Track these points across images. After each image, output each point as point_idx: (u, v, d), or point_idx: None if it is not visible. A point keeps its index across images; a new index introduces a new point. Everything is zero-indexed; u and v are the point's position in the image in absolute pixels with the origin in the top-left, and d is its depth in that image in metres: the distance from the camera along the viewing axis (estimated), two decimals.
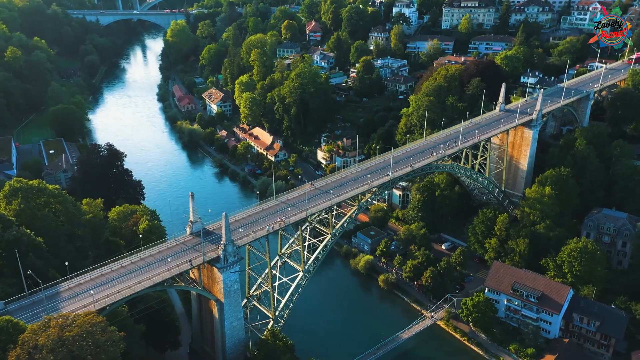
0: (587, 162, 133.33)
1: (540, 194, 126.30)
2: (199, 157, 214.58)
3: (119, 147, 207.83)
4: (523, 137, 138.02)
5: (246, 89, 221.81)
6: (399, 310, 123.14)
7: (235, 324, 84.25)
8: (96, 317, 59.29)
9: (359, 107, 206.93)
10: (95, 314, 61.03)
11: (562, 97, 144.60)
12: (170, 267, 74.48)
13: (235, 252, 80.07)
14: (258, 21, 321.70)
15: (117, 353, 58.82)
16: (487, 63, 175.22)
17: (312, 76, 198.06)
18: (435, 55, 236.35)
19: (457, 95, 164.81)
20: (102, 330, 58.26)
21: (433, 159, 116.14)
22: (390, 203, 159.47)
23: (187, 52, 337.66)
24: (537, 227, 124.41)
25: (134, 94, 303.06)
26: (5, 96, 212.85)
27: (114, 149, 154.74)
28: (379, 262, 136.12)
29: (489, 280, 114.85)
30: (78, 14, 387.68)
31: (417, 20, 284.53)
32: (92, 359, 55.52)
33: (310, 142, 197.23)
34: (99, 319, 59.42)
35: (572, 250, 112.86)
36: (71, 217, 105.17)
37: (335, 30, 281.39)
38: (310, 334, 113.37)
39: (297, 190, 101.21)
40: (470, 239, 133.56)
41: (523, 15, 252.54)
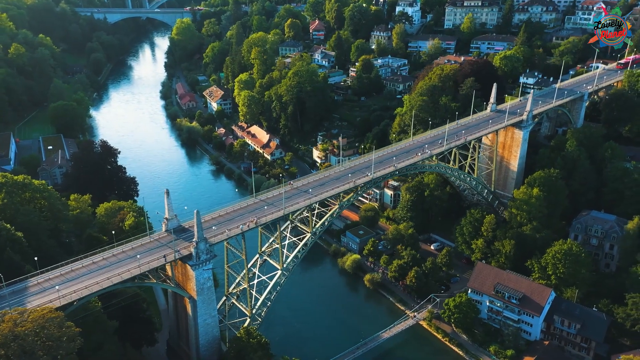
0: (578, 164, 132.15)
1: (528, 196, 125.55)
2: (197, 155, 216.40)
3: (118, 144, 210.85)
4: (513, 138, 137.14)
5: (245, 87, 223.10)
6: (384, 310, 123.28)
7: (209, 321, 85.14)
8: (52, 313, 60.36)
9: (356, 106, 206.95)
10: (52, 309, 62.16)
11: (554, 98, 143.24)
12: (140, 264, 75.50)
13: (207, 249, 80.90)
14: (262, 19, 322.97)
15: (72, 349, 59.68)
16: (482, 63, 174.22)
17: (309, 75, 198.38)
18: (436, 55, 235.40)
19: (451, 95, 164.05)
20: (57, 326, 59.29)
21: (417, 159, 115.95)
22: (382, 203, 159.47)
23: (192, 50, 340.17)
24: (524, 229, 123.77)
25: (138, 91, 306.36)
26: (8, 92, 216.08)
27: (108, 146, 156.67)
28: (367, 261, 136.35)
29: (472, 281, 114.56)
30: (86, 12, 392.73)
31: (420, 19, 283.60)
32: (44, 354, 56.48)
33: (306, 141, 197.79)
34: (54, 314, 60.48)
35: (556, 252, 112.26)
36: (56, 212, 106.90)
37: (338, 29, 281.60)
38: (292, 333, 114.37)
39: (279, 189, 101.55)
40: (458, 240, 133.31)
41: (526, 14, 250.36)
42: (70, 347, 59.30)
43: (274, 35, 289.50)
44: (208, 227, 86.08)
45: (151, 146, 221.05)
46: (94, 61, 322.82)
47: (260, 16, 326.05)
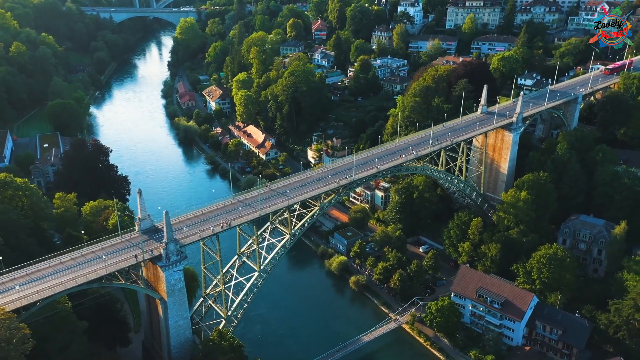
0: (568, 167, 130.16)
1: (515, 199, 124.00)
2: (194, 154, 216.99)
3: (115, 142, 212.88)
4: (503, 141, 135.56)
5: (243, 86, 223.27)
6: (368, 313, 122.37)
7: (180, 323, 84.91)
8: (2, 314, 60.27)
9: (352, 107, 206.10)
10: (3, 310, 62.23)
11: (546, 100, 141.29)
12: (106, 265, 75.54)
13: (178, 250, 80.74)
14: (265, 19, 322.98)
15: (23, 350, 59.54)
16: (475, 64, 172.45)
17: (305, 75, 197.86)
18: (435, 56, 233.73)
19: (444, 96, 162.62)
20: (6, 328, 59.27)
21: (401, 160, 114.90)
22: (372, 204, 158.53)
23: (195, 50, 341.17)
24: (511, 232, 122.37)
25: (140, 90, 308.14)
26: (7, 90, 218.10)
27: (99, 144, 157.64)
28: (354, 263, 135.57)
29: (455, 284, 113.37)
30: (92, 11, 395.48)
31: (422, 19, 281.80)
32: None
33: (302, 141, 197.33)
34: (5, 315, 60.51)
35: (541, 257, 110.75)
36: (37, 210, 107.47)
37: (340, 28, 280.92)
38: (271, 334, 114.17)
39: (257, 190, 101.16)
40: (445, 243, 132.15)
41: (529, 15, 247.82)
42: (22, 349, 59.29)
43: (275, 35, 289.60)
44: (179, 229, 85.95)
45: (148, 145, 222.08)
46: (97, 60, 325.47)
47: (264, 16, 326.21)
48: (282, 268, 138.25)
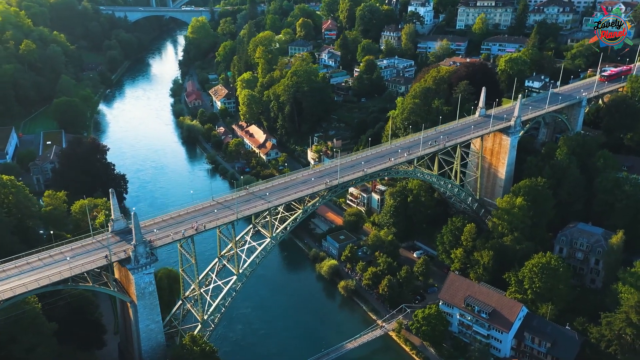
0: (567, 173, 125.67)
1: (510, 205, 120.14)
2: (197, 153, 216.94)
3: (119, 140, 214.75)
4: (501, 144, 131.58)
5: (247, 86, 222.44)
6: (356, 319, 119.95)
7: (152, 327, 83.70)
8: None
9: (355, 108, 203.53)
10: None
11: (547, 103, 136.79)
12: (71, 266, 74.79)
13: (147, 253, 79.59)
14: (276, 19, 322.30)
15: None
16: (478, 66, 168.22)
17: (307, 75, 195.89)
18: (443, 56, 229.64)
19: (444, 98, 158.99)
20: None
21: (390, 164, 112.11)
22: (369, 207, 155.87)
23: (206, 49, 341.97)
24: (505, 239, 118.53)
25: (150, 88, 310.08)
26: (15, 88, 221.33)
27: (96, 142, 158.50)
28: (345, 267, 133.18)
29: (443, 292, 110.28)
30: (107, 10, 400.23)
31: (433, 19, 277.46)
32: None
33: (303, 142, 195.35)
34: None
35: (533, 266, 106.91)
36: (23, 208, 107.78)
37: (350, 28, 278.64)
38: (253, 335, 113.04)
39: (239, 192, 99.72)
40: (439, 248, 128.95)
41: (542, 15, 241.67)
42: None
43: (284, 35, 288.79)
44: (150, 231, 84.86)
45: (152, 143, 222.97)
46: (109, 58, 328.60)
47: (274, 15, 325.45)
48: (273, 269, 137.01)
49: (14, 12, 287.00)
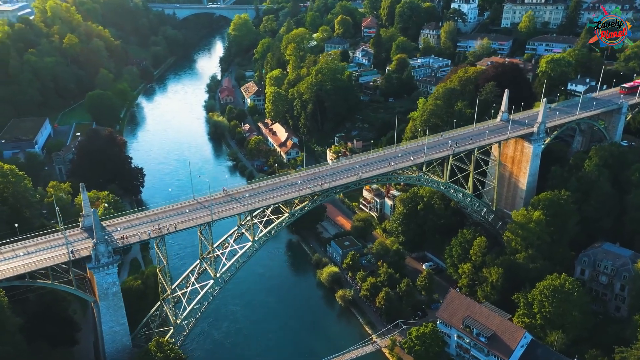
0: (595, 186, 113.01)
1: (527, 219, 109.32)
2: (222, 150, 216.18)
3: (150, 132, 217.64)
4: (523, 152, 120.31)
5: (275, 83, 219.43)
6: (351, 331, 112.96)
7: (116, 329, 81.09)
8: None
9: (381, 108, 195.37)
10: None
11: (579, 109, 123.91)
12: (26, 263, 73.15)
13: (110, 252, 76.88)
14: (316, 16, 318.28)
15: None
16: (508, 67, 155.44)
17: (332, 73, 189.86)
18: (482, 56, 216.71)
19: (469, 100, 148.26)
20: None
21: (389, 168, 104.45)
22: (382, 213, 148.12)
23: (247, 46, 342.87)
24: (518, 257, 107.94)
25: (190, 84, 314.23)
26: (55, 80, 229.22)
27: (113, 135, 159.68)
28: (346, 275, 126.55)
29: (442, 310, 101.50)
30: (157, 7, 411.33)
31: (477, 17, 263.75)
32: None
33: (325, 142, 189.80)
34: None
35: (544, 288, 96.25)
36: (20, 198, 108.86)
37: (390, 26, 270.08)
38: (237, 334, 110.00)
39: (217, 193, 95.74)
40: (447, 262, 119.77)
41: (597, 13, 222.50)
42: None
43: (322, 32, 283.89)
44: (114, 230, 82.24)
45: (180, 137, 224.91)
46: (153, 54, 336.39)
47: (314, 12, 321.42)
48: (273, 270, 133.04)
49: (65, 7, 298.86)
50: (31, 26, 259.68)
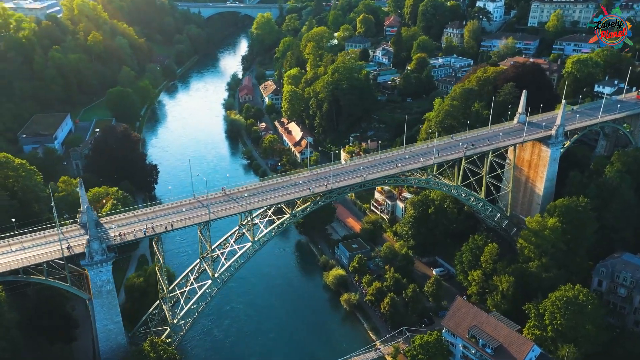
0: (616, 193, 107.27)
1: (541, 226, 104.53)
2: (239, 148, 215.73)
3: (168, 130, 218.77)
4: (540, 156, 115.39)
5: (293, 82, 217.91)
6: (354, 337, 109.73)
7: (111, 327, 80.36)
8: None
9: (398, 108, 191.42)
10: None
11: (601, 112, 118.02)
12: (18, 259, 73.03)
13: (104, 250, 76.20)
14: (338, 15, 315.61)
15: None
16: (529, 67, 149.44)
17: (348, 71, 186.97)
18: (506, 56, 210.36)
19: (486, 101, 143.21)
20: None
21: (396, 170, 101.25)
22: (394, 215, 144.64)
23: (269, 45, 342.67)
24: (531, 265, 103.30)
25: (212, 82, 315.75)
26: (78, 76, 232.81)
27: (127, 132, 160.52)
28: (353, 279, 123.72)
29: (447, 319, 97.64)
30: (183, 6, 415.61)
31: (503, 16, 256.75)
32: None
33: (340, 141, 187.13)
34: None
35: (557, 299, 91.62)
36: (29, 193, 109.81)
37: (413, 24, 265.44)
38: (237, 333, 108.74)
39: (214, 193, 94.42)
40: (457, 268, 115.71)
41: (630, 12, 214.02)
42: None
43: (343, 31, 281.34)
44: (110, 228, 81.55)
45: (198, 134, 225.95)
46: (177, 52, 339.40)
47: (337, 11, 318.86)
48: (279, 269, 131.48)
49: (92, 5, 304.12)
50: (58, 23, 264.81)
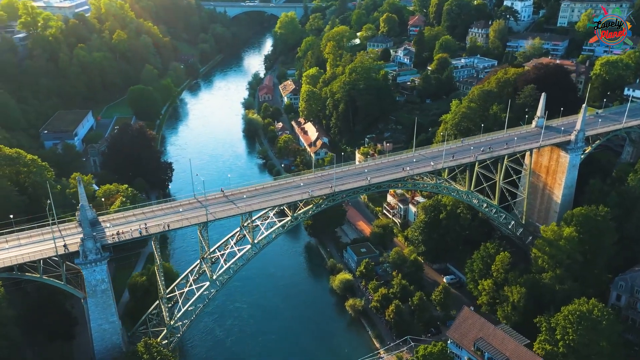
0: (639, 203, 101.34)
1: (556, 235, 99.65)
2: (255, 147, 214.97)
3: (188, 128, 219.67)
4: (559, 162, 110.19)
5: (311, 82, 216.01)
6: (358, 343, 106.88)
7: (105, 327, 79.76)
8: None
9: (417, 109, 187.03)
10: None
11: (625, 116, 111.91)
12: (15, 255, 73.04)
13: (98, 249, 75.63)
14: (362, 14, 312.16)
15: None
16: (551, 68, 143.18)
17: (365, 71, 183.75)
18: (531, 57, 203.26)
19: (505, 104, 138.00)
20: None
21: (403, 174, 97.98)
22: (406, 219, 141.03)
23: (292, 45, 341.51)
24: (544, 276, 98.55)
25: (234, 81, 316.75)
26: (102, 74, 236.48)
27: (143, 129, 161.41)
28: (360, 284, 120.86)
29: (453, 329, 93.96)
30: (209, 5, 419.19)
31: (531, 15, 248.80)
32: None
33: (355, 143, 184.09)
34: None
35: (569, 313, 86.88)
36: (39, 189, 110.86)
37: (437, 24, 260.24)
38: (239, 332, 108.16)
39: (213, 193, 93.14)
40: (467, 276, 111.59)
41: None
42: None
43: (365, 31, 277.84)
44: (105, 227, 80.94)
45: (216, 133, 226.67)
46: (201, 51, 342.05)
47: (360, 10, 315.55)
48: (285, 271, 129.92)
49: (119, 4, 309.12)
50: (85, 22, 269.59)
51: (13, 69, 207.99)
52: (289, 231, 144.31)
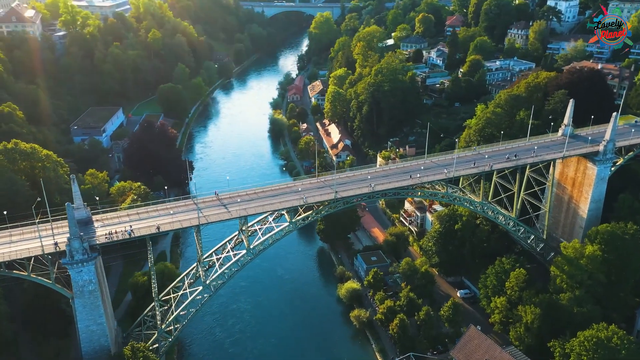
0: None
1: (577, 253, 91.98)
2: (280, 148, 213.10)
3: (217, 127, 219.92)
4: (585, 175, 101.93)
5: (338, 83, 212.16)
6: (361, 357, 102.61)
7: (93, 328, 78.63)
8: None
9: (444, 113, 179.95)
10: None
11: None
12: (2, 252, 72.90)
13: (85, 249, 74.61)
14: (398, 14, 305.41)
15: None
16: (586, 73, 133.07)
17: (391, 72, 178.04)
18: (572, 60, 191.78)
19: (537, 109, 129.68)
20: None
21: (410, 182, 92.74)
22: (422, 228, 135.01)
23: (326, 45, 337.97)
24: (562, 297, 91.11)
25: (267, 80, 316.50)
26: (135, 72, 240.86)
27: (164, 128, 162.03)
28: (367, 294, 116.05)
29: (457, 350, 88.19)
30: (248, 5, 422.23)
31: (577, 16, 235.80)
32: None
33: (378, 146, 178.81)
34: None
35: (586, 338, 79.55)
36: (51, 185, 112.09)
37: (476, 24, 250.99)
38: (239, 333, 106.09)
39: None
40: (481, 292, 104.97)
41: None
42: None
43: (400, 31, 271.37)
44: (101, 226, 79.94)
45: (243, 132, 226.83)
46: (236, 50, 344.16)
47: (397, 10, 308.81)
48: (293, 274, 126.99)
49: (158, 4, 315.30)
50: (123, 21, 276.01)
51: (51, 66, 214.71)
52: (303, 235, 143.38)
